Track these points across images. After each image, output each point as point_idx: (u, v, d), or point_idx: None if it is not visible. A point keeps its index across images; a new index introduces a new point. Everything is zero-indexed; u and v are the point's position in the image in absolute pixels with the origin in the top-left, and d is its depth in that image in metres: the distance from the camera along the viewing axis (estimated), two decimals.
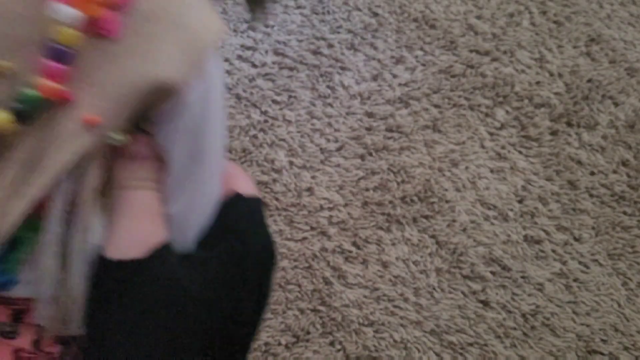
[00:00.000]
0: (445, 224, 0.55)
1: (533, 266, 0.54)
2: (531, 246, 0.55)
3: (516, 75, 0.65)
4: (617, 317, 0.53)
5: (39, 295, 0.23)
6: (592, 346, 0.52)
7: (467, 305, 0.52)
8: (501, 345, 0.50)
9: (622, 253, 0.57)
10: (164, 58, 0.21)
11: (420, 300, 0.51)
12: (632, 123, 0.64)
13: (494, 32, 0.68)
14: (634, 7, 0.74)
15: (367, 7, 0.67)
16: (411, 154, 0.57)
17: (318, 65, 0.62)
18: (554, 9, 0.71)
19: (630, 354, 0.52)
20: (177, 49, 0.22)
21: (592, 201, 0.59)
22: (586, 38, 0.69)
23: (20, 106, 0.20)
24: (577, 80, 0.66)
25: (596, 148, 0.62)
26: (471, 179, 0.58)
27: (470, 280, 0.53)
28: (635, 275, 0.56)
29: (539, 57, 0.67)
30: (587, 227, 0.57)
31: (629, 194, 0.60)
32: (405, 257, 0.53)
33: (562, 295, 0.53)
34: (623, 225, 0.58)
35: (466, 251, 0.54)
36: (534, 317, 0.52)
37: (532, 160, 0.60)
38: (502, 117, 0.62)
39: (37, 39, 0.20)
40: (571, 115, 0.63)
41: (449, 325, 0.51)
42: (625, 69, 0.68)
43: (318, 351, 0.49)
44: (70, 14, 0.20)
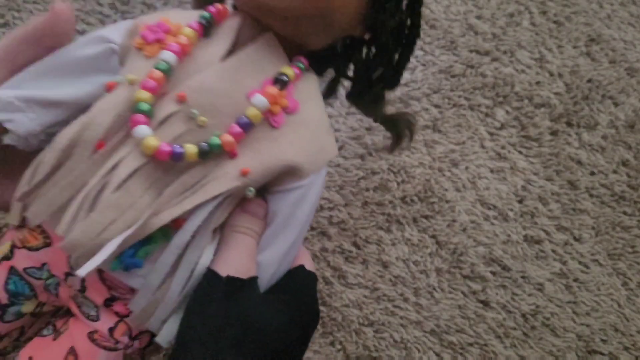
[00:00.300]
0: (445, 224, 0.55)
1: (533, 266, 0.54)
2: (531, 246, 0.55)
3: (516, 75, 0.65)
4: (617, 317, 0.53)
5: (144, 287, 0.29)
6: (592, 346, 0.52)
7: (467, 305, 0.52)
8: (501, 345, 0.51)
9: (622, 253, 0.57)
10: (300, 151, 0.31)
11: (420, 300, 0.51)
12: (632, 123, 0.64)
13: (494, 32, 0.68)
14: (634, 7, 0.74)
15: None
16: (411, 154, 0.57)
17: None
18: (554, 9, 0.71)
19: (630, 354, 0.52)
20: (310, 150, 0.31)
21: (592, 201, 0.59)
22: (586, 38, 0.69)
23: (205, 146, 0.28)
24: (577, 80, 0.66)
25: (596, 148, 0.62)
26: (471, 179, 0.58)
27: (470, 280, 0.53)
28: (635, 275, 0.56)
29: (539, 57, 0.67)
30: (587, 227, 0.57)
31: (629, 194, 0.60)
32: (406, 257, 0.53)
33: (562, 295, 0.54)
34: (623, 225, 0.58)
35: (466, 251, 0.54)
36: (534, 317, 0.52)
37: (532, 160, 0.60)
38: (502, 117, 0.62)
39: (234, 110, 0.29)
40: (571, 115, 0.63)
41: (449, 325, 0.51)
42: (625, 69, 0.68)
43: (319, 351, 0.50)
44: (262, 102, 0.30)
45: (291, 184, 0.31)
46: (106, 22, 0.60)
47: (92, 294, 0.31)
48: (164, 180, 0.29)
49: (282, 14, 0.30)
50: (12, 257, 0.32)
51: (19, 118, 0.30)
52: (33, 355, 0.30)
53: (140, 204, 0.28)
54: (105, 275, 0.30)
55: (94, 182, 0.28)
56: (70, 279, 0.31)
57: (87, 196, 0.28)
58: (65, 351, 0.30)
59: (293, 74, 0.32)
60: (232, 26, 0.32)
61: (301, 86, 0.32)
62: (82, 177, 0.28)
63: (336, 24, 0.32)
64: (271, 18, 0.31)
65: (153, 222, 0.28)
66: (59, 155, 0.28)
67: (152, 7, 0.62)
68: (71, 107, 0.31)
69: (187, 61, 0.30)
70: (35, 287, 0.32)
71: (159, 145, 0.28)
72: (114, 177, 0.28)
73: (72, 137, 0.28)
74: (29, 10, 0.60)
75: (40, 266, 0.31)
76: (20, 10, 0.60)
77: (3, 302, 0.31)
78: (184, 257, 0.29)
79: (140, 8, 0.62)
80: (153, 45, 0.30)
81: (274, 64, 0.31)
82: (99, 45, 0.31)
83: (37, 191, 0.29)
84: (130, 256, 0.28)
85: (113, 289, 0.31)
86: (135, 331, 0.31)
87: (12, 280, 0.31)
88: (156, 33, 0.30)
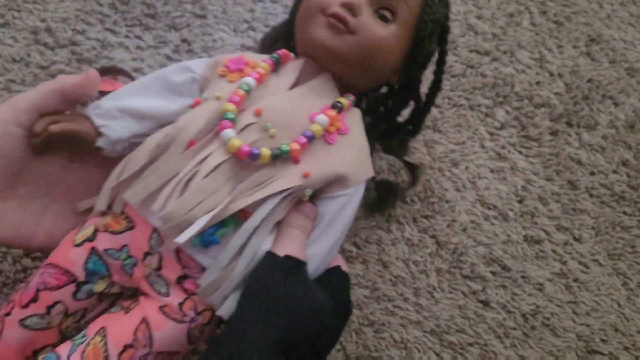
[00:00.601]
0: (445, 224, 0.55)
1: (533, 266, 0.54)
2: (531, 246, 0.55)
3: (516, 75, 0.65)
4: (617, 317, 0.53)
5: (214, 264, 0.34)
6: (592, 346, 0.52)
7: (467, 305, 0.52)
8: (501, 345, 0.51)
9: (622, 253, 0.57)
10: (349, 165, 0.38)
11: (420, 300, 0.51)
12: (632, 123, 0.64)
13: (494, 32, 0.68)
14: (634, 7, 0.74)
15: None
16: (411, 154, 0.57)
17: None
18: (554, 9, 0.71)
19: (630, 354, 0.52)
20: (355, 165, 0.39)
21: (592, 201, 0.59)
22: (586, 38, 0.69)
23: (277, 151, 0.35)
24: (577, 80, 0.66)
25: (596, 148, 0.62)
26: (471, 179, 0.58)
27: (470, 280, 0.53)
28: (635, 275, 0.56)
29: (539, 57, 0.67)
30: (587, 227, 0.57)
31: (629, 194, 0.60)
32: (406, 257, 0.53)
33: (562, 295, 0.54)
34: (623, 225, 0.58)
35: (466, 251, 0.54)
36: (534, 317, 0.52)
37: (532, 160, 0.60)
38: (502, 117, 0.62)
39: (298, 127, 0.37)
40: (571, 115, 0.63)
41: (449, 325, 0.51)
42: (625, 69, 0.68)
43: None
44: (324, 120, 0.37)
45: (338, 192, 0.38)
46: (106, 22, 0.60)
47: (167, 272, 0.36)
48: (240, 176, 0.35)
49: (337, 55, 0.39)
50: (94, 239, 0.37)
51: (114, 125, 0.38)
52: (105, 326, 0.35)
53: (221, 191, 0.34)
54: (182, 254, 0.36)
55: (187, 170, 0.34)
56: (149, 258, 0.36)
57: (180, 181, 0.34)
58: (138, 321, 0.35)
59: (347, 103, 0.40)
60: (296, 66, 0.41)
61: (350, 116, 0.40)
62: (175, 168, 0.35)
63: (378, 68, 0.41)
64: (328, 58, 0.40)
65: (230, 207, 0.34)
66: (152, 152, 0.36)
67: (152, 6, 0.62)
68: (155, 121, 0.38)
69: (261, 87, 0.38)
70: (111, 268, 0.37)
71: (241, 146, 0.35)
72: (203, 167, 0.34)
73: (163, 138, 0.36)
74: (29, 10, 0.60)
75: (120, 248, 0.36)
76: (20, 10, 0.60)
77: (80, 279, 0.36)
78: (249, 242, 0.35)
79: (140, 8, 0.62)
80: (234, 73, 0.39)
81: (330, 96, 0.40)
82: (184, 74, 0.39)
83: (130, 181, 0.36)
84: (211, 234, 0.34)
85: (186, 268, 0.36)
86: (200, 307, 0.36)
87: (91, 260, 0.36)
88: (238, 64, 0.39)
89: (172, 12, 0.62)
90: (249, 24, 0.63)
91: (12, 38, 0.58)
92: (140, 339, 0.34)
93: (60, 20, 0.60)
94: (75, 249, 0.37)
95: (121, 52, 0.59)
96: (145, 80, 0.40)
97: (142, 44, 0.60)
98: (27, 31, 0.58)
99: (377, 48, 0.39)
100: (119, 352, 0.33)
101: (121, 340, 0.34)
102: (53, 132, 0.36)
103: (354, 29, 0.38)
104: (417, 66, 0.43)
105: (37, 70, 0.56)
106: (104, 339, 0.34)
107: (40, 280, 0.36)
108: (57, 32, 0.59)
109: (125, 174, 0.36)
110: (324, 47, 0.39)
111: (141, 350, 0.34)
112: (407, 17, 0.40)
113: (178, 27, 0.62)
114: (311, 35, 0.39)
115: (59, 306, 0.36)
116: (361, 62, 0.40)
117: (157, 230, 0.36)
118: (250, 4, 0.65)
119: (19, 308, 0.36)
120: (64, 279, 0.36)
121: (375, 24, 0.39)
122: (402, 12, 0.40)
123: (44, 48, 0.58)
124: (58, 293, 0.36)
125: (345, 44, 0.38)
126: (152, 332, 0.34)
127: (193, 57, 0.60)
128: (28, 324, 0.35)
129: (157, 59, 0.59)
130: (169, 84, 0.39)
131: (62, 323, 0.36)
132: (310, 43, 0.40)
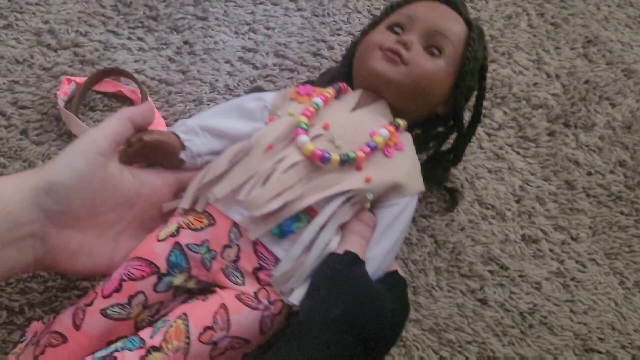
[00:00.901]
0: (443, 224, 0.55)
1: (530, 265, 0.55)
2: (529, 245, 0.56)
3: (514, 77, 0.66)
4: (614, 315, 0.54)
5: (287, 256, 0.39)
6: (589, 344, 0.52)
7: (465, 304, 0.52)
8: (499, 344, 0.51)
9: (619, 252, 0.57)
10: (405, 176, 0.43)
11: (419, 299, 0.52)
12: (629, 124, 0.65)
13: (492, 34, 0.68)
14: (631, 9, 0.74)
15: (367, 10, 0.68)
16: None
17: (319, 67, 0.62)
18: (551, 11, 0.72)
19: (627, 352, 0.52)
20: (410, 177, 0.44)
21: (589, 201, 0.59)
22: (583, 40, 0.70)
23: (345, 157, 0.41)
24: (575, 82, 0.66)
25: (593, 149, 0.62)
26: (469, 179, 0.58)
27: (469, 279, 0.53)
28: (632, 274, 0.56)
29: (536, 58, 0.68)
30: (584, 226, 0.58)
31: (626, 194, 0.60)
32: (404, 256, 0.53)
33: (559, 294, 0.54)
34: (620, 225, 0.59)
35: (464, 250, 0.54)
36: (532, 316, 0.52)
37: (530, 160, 0.61)
38: (500, 118, 0.63)
39: (360, 141, 0.42)
40: (568, 116, 0.64)
41: (447, 323, 0.51)
42: (622, 70, 0.68)
43: None
44: (385, 133, 0.43)
45: (394, 200, 0.43)
46: (108, 24, 0.61)
47: (243, 263, 0.40)
48: (310, 177, 0.40)
49: (392, 83, 0.45)
50: (177, 234, 0.41)
51: (196, 140, 0.44)
52: (186, 311, 0.38)
53: (295, 188, 0.39)
54: (258, 247, 0.40)
55: (267, 167, 0.40)
56: (227, 251, 0.40)
57: (262, 176, 0.40)
58: (217, 306, 0.38)
59: (403, 124, 0.46)
60: (355, 95, 0.47)
61: (403, 136, 0.46)
62: (256, 167, 0.40)
63: (426, 96, 0.47)
64: (384, 86, 0.45)
65: (302, 202, 0.39)
66: (232, 159, 0.41)
67: (154, 9, 0.62)
68: (229, 140, 0.44)
69: (327, 108, 0.44)
70: (190, 261, 0.40)
71: (314, 149, 0.40)
72: (280, 165, 0.40)
73: (242, 147, 0.42)
74: (32, 11, 0.60)
75: (201, 243, 0.40)
76: (23, 12, 0.60)
77: (162, 270, 0.40)
78: (319, 237, 0.39)
79: (142, 10, 0.62)
80: (304, 97, 0.46)
81: (386, 118, 0.46)
82: (258, 102, 0.46)
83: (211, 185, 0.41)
84: (288, 225, 0.39)
85: (261, 260, 0.40)
86: (273, 297, 0.39)
87: (174, 253, 0.40)
88: (307, 90, 0.46)
89: (174, 14, 0.63)
90: (250, 26, 0.64)
91: (15, 39, 0.58)
92: (219, 321, 0.37)
93: (63, 22, 0.60)
94: (159, 243, 0.41)
95: (123, 53, 0.59)
96: (224, 106, 0.46)
97: (145, 45, 0.61)
98: (30, 33, 0.59)
99: (426, 78, 0.45)
100: (199, 333, 0.37)
101: (201, 322, 0.37)
102: (146, 141, 0.41)
103: (407, 61, 0.45)
104: (460, 98, 0.49)
105: (40, 72, 0.57)
106: (186, 321, 0.37)
107: (124, 271, 0.39)
108: (59, 33, 0.59)
109: (208, 177, 0.41)
110: (382, 75, 0.45)
111: (219, 332, 0.37)
112: (452, 54, 0.47)
113: (180, 29, 0.62)
114: (370, 66, 0.45)
115: (139, 296, 0.39)
116: (412, 91, 0.45)
117: (236, 224, 0.40)
118: (251, 6, 0.65)
119: (102, 298, 0.39)
120: (148, 270, 0.40)
121: (425, 58, 0.45)
122: (448, 50, 0.46)
123: (47, 49, 0.58)
124: (140, 284, 0.39)
125: (400, 73, 0.45)
126: (230, 316, 0.38)
127: (195, 59, 0.60)
128: (109, 314, 0.38)
129: (159, 60, 0.60)
130: (243, 110, 0.45)
131: (139, 315, 0.39)
132: (369, 73, 0.46)
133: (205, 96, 0.58)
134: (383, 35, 0.47)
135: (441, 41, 0.46)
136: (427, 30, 0.46)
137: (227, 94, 0.59)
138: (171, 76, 0.59)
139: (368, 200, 0.41)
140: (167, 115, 0.57)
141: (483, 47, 0.50)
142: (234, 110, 0.46)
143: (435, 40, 0.46)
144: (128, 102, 0.57)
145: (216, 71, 0.60)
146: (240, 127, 0.44)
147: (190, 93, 0.58)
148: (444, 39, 0.46)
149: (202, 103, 0.58)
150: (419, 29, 0.46)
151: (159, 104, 0.57)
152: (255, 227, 0.39)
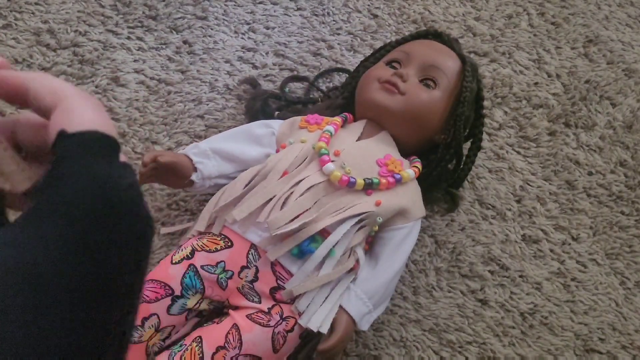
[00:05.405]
0: (444, 224, 0.55)
1: (531, 265, 0.55)
2: (529, 245, 0.56)
3: (514, 76, 0.65)
4: (615, 316, 0.54)
5: (300, 271, 0.42)
6: (590, 345, 0.52)
7: (465, 304, 0.52)
8: (499, 344, 0.51)
9: (620, 252, 0.57)
10: (410, 201, 0.47)
11: (419, 299, 0.52)
12: (629, 124, 0.65)
13: (493, 33, 0.68)
14: (632, 9, 0.74)
15: (367, 9, 0.68)
16: None
17: (318, 67, 0.62)
18: (552, 11, 0.72)
19: (628, 352, 0.52)
20: (414, 203, 0.48)
21: (589, 201, 0.59)
22: (584, 39, 0.70)
23: (369, 181, 0.45)
24: (575, 81, 0.66)
25: (594, 148, 0.62)
26: (470, 179, 0.58)
27: (469, 279, 0.53)
28: (632, 274, 0.56)
29: (537, 58, 0.67)
30: (585, 226, 0.58)
31: (627, 194, 0.60)
32: None
33: (560, 294, 0.54)
34: (620, 225, 0.58)
35: (465, 250, 0.54)
36: (532, 316, 0.52)
37: (530, 160, 0.61)
38: (501, 118, 0.62)
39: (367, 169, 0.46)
40: (569, 116, 0.64)
41: (447, 323, 0.51)
42: (622, 70, 0.68)
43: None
44: (411, 174, 0.47)
45: (400, 224, 0.47)
46: (108, 24, 0.61)
47: (261, 284, 0.42)
48: (325, 200, 0.43)
49: (390, 112, 0.48)
50: (192, 257, 0.43)
51: (207, 162, 0.46)
52: (201, 335, 0.40)
53: (310, 211, 0.43)
54: (276, 267, 0.42)
55: (284, 190, 0.43)
56: (245, 271, 0.43)
57: (280, 199, 0.43)
58: (229, 327, 0.41)
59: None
60: (360, 124, 0.50)
61: (404, 165, 0.49)
62: (273, 191, 0.43)
63: (423, 125, 0.50)
64: (383, 115, 0.49)
65: (319, 224, 0.42)
66: (247, 181, 0.44)
67: (154, 8, 0.62)
68: (238, 164, 0.47)
69: (336, 136, 0.48)
70: (205, 282, 0.43)
71: (342, 175, 0.44)
72: (297, 189, 0.43)
73: (257, 171, 0.45)
74: (31, 11, 0.60)
75: (215, 264, 0.43)
76: (22, 12, 0.60)
77: (176, 292, 0.42)
78: (324, 260, 0.42)
79: (141, 10, 0.62)
80: (314, 125, 0.49)
81: (390, 147, 0.49)
82: (265, 128, 0.49)
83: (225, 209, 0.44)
84: (306, 245, 0.42)
85: (280, 279, 0.42)
86: (286, 313, 0.42)
87: (188, 275, 0.42)
88: (316, 119, 0.50)
89: (174, 14, 0.63)
90: (250, 26, 0.64)
91: (15, 39, 0.58)
92: (231, 341, 0.40)
93: (62, 22, 0.60)
94: (173, 266, 0.43)
95: (123, 53, 0.59)
96: (234, 131, 0.49)
97: (144, 45, 0.60)
98: (30, 32, 0.59)
99: (422, 107, 0.48)
100: (212, 353, 0.39)
101: (214, 343, 0.39)
102: (160, 162, 0.43)
103: (403, 91, 0.48)
104: (457, 126, 0.50)
105: (40, 72, 0.57)
106: (200, 343, 0.39)
107: None
108: (59, 33, 0.59)
109: (223, 201, 0.44)
110: (380, 105, 0.48)
111: (231, 351, 0.39)
112: (447, 86, 0.50)
113: (179, 28, 0.62)
114: (369, 97, 0.49)
115: (153, 318, 0.40)
116: (410, 119, 0.49)
117: (254, 246, 0.43)
118: (250, 6, 0.65)
119: None
120: (162, 292, 0.41)
121: (420, 90, 0.49)
122: (443, 82, 0.49)
123: (46, 49, 0.58)
124: (154, 305, 0.41)
125: (397, 103, 0.48)
126: (241, 335, 0.40)
127: (194, 59, 0.60)
128: None
129: (159, 60, 0.60)
130: (252, 135, 0.48)
131: (150, 339, 0.40)
132: (369, 103, 0.49)
133: (205, 96, 0.58)
134: (381, 70, 0.50)
135: (436, 74, 0.49)
136: (423, 65, 0.49)
137: (227, 94, 0.59)
138: (170, 76, 0.59)
139: (377, 223, 0.45)
140: (167, 114, 0.57)
141: (477, 80, 0.53)
142: (243, 135, 0.48)
143: (430, 73, 0.49)
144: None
145: (216, 71, 0.60)
146: (248, 151, 0.47)
147: (189, 92, 0.58)
148: (439, 72, 0.49)
149: (202, 103, 0.58)
150: (415, 63, 0.49)
151: (158, 103, 0.57)
152: (274, 248, 0.42)
